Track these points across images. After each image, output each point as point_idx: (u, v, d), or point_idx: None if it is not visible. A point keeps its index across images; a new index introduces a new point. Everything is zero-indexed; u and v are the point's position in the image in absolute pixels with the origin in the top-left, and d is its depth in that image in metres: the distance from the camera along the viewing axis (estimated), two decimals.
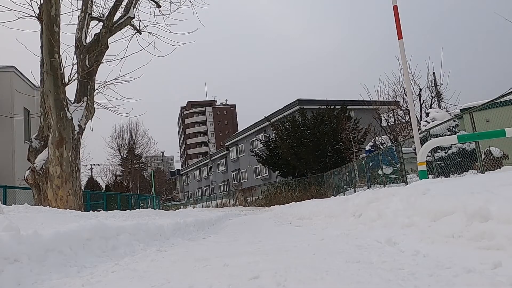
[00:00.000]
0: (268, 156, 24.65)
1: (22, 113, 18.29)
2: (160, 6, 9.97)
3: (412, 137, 6.50)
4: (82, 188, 13.16)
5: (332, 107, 22.92)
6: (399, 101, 18.22)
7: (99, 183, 37.06)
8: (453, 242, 1.76)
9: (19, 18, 7.83)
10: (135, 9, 9.22)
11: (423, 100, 17.39)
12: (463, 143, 8.98)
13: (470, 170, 8.86)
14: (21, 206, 5.09)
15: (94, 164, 44.81)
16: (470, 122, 7.95)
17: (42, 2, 7.62)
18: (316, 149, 21.51)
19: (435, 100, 17.62)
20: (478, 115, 8.33)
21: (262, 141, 29.19)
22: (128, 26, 9.32)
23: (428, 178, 4.68)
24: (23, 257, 1.96)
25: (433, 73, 18.36)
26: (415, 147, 5.10)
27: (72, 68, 8.31)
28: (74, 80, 8.19)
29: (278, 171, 24.78)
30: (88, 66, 8.17)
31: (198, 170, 60.98)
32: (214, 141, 78.52)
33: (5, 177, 16.36)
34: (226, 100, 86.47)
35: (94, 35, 8.65)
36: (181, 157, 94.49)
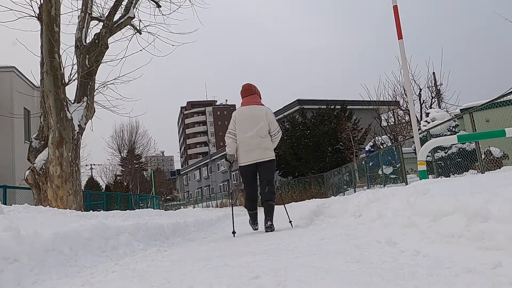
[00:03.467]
0: None
1: (22, 113, 18.29)
2: (160, 6, 9.98)
3: (412, 137, 6.49)
4: (82, 188, 13.15)
5: (332, 107, 22.91)
6: (399, 101, 18.20)
7: (99, 183, 37.05)
8: (453, 242, 1.76)
9: (19, 18, 7.83)
10: (135, 9, 9.22)
11: (423, 100, 17.38)
12: (463, 143, 8.98)
13: (470, 170, 8.85)
14: (21, 206, 5.09)
15: (94, 164, 44.84)
16: (470, 122, 7.95)
17: (42, 2, 7.62)
18: (316, 149, 21.50)
19: (435, 100, 17.62)
20: (478, 115, 8.33)
21: None
22: (128, 26, 9.32)
23: (428, 178, 4.68)
24: (23, 257, 1.96)
25: (433, 73, 18.35)
26: (415, 147, 5.10)
27: (72, 68, 8.33)
28: (74, 80, 8.20)
29: (278, 171, 24.78)
30: (88, 66, 8.17)
31: (198, 170, 60.96)
32: (214, 141, 78.44)
33: (5, 177, 16.36)
34: (226, 100, 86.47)
35: (94, 35, 8.65)
36: (181, 157, 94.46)
